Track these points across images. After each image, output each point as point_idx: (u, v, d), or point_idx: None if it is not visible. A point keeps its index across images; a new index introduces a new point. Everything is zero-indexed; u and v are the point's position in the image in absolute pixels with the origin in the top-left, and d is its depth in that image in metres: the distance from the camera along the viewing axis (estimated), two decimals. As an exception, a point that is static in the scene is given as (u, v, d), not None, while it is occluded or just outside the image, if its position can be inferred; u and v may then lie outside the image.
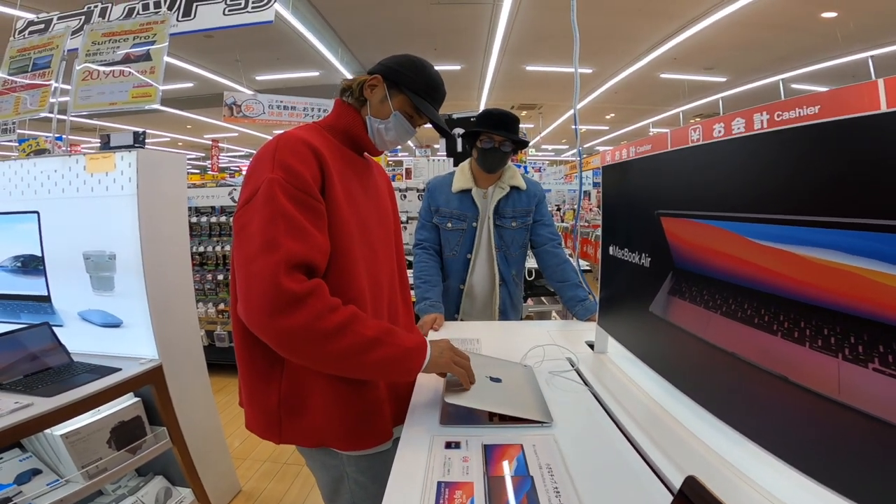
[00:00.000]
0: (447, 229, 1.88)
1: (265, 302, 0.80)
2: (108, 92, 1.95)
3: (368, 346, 0.87)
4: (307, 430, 0.96)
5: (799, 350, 0.57)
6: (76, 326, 1.82)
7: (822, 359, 0.53)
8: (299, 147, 0.92)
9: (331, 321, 0.84)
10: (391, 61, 1.05)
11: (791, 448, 0.58)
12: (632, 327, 1.12)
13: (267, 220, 0.84)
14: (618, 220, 1.21)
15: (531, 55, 7.68)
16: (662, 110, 11.78)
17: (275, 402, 0.96)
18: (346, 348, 0.85)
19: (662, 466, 0.75)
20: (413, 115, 1.07)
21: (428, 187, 1.99)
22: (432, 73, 1.06)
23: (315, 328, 0.82)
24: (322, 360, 0.86)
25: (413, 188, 3.59)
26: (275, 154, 0.90)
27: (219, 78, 8.29)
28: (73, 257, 1.76)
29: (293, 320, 0.81)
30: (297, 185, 0.88)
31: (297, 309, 0.81)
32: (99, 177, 1.72)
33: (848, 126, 0.51)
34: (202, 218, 4.00)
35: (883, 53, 7.21)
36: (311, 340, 0.83)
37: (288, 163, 0.89)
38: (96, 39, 2.06)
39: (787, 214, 0.60)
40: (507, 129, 1.75)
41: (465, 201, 1.87)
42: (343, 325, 0.85)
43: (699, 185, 0.82)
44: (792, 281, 0.58)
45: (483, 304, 1.95)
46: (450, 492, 0.67)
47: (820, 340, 0.54)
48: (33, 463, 1.55)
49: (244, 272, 0.84)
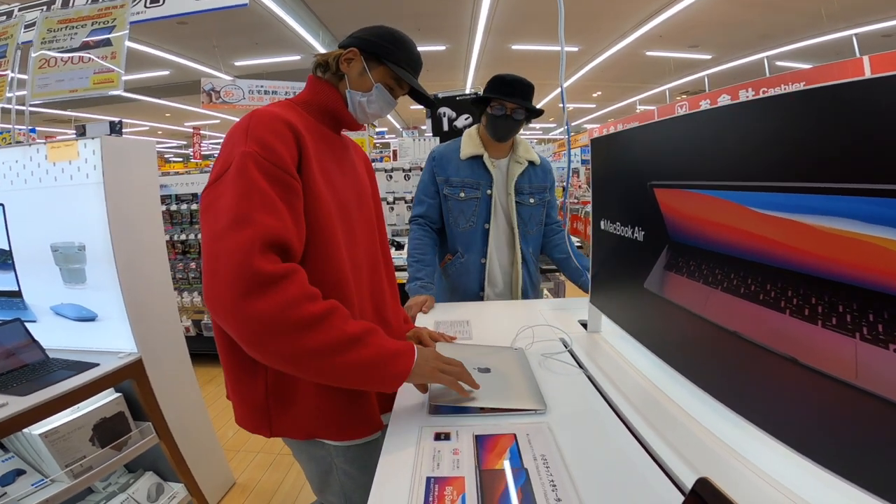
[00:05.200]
0: (461, 199, 1.78)
1: (233, 282, 0.72)
2: (68, 79, 1.86)
3: (347, 344, 0.78)
4: (298, 421, 0.93)
5: (810, 329, 0.53)
6: (50, 321, 1.76)
7: (837, 339, 0.49)
8: (275, 123, 0.86)
9: (306, 311, 0.76)
10: (366, 33, 1.01)
11: (801, 436, 0.55)
12: (626, 305, 1.08)
13: (239, 195, 0.77)
14: (609, 192, 1.16)
15: (517, 34, 7.58)
16: (649, 88, 11.77)
17: (262, 395, 0.91)
18: (321, 345, 0.76)
19: (661, 452, 0.72)
20: (394, 86, 1.03)
21: (432, 156, 1.86)
22: (409, 43, 1.03)
23: (287, 316, 0.74)
24: (291, 357, 0.76)
25: (399, 168, 3.51)
26: (248, 129, 0.84)
27: (196, 65, 8.13)
28: (41, 250, 1.68)
29: (262, 305, 0.72)
30: (272, 160, 0.81)
31: (268, 292, 0.73)
32: (62, 165, 1.63)
33: (862, 87, 0.46)
34: (182, 205, 3.89)
35: (867, 31, 7.27)
36: (281, 331, 0.74)
37: (263, 137, 0.83)
38: (52, 27, 1.97)
39: (793, 182, 0.55)
40: (521, 96, 1.64)
41: (477, 168, 1.77)
42: (319, 318, 0.77)
43: (695, 154, 0.77)
44: (802, 253, 0.54)
45: (505, 283, 1.86)
46: (440, 488, 0.63)
47: (834, 318, 0.50)
48: (16, 463, 1.51)
49: (210, 251, 0.75)
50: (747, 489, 0.62)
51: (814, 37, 7.68)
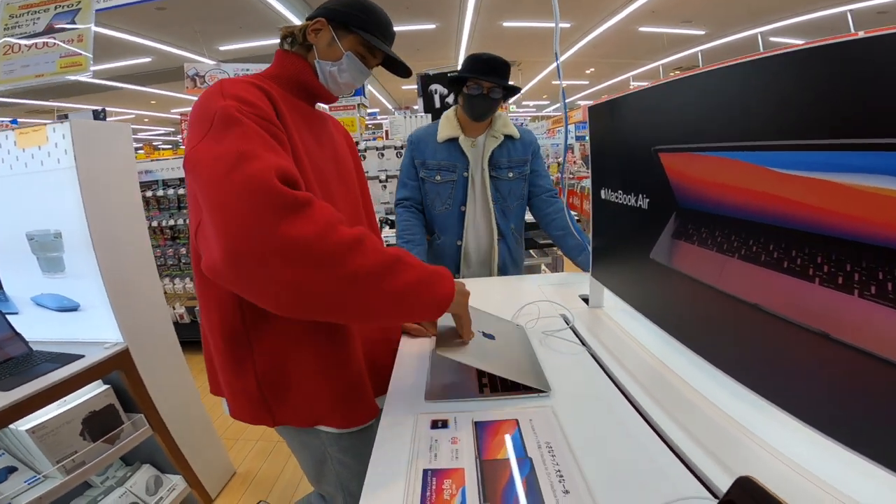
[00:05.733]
0: (436, 182, 1.77)
1: (259, 212, 0.61)
2: (33, 64, 1.79)
3: (390, 266, 0.69)
4: (298, 410, 0.89)
5: (844, 300, 0.47)
6: (32, 313, 1.70)
7: (875, 310, 0.44)
8: (246, 86, 0.81)
9: (344, 233, 0.66)
10: (333, 3, 0.97)
11: (834, 420, 0.50)
12: (630, 277, 1.03)
13: (236, 138, 0.69)
14: (609, 161, 1.10)
15: (508, 11, 7.38)
16: (642, 64, 11.62)
17: (254, 387, 0.87)
18: (367, 269, 0.67)
19: (673, 436, 0.67)
20: (365, 55, 0.99)
21: (410, 140, 1.85)
22: (379, 11, 0.99)
23: (327, 240, 0.64)
24: (337, 291, 0.66)
25: (391, 146, 3.42)
26: (221, 90, 0.77)
27: (179, 51, 7.89)
28: (17, 239, 1.61)
29: (297, 229, 0.62)
30: (255, 112, 0.75)
31: (299, 215, 0.63)
32: (32, 151, 1.55)
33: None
34: (169, 190, 3.78)
35: (862, 7, 7.13)
36: (324, 257, 0.64)
37: (239, 94, 0.77)
38: (13, 13, 1.89)
39: (820, 139, 0.49)
40: (497, 74, 1.62)
41: (453, 150, 1.75)
42: (358, 240, 0.67)
43: (705, 114, 0.71)
44: (833, 214, 0.48)
45: (482, 261, 1.86)
46: (438, 481, 0.58)
47: (873, 287, 0.44)
48: (7, 461, 1.49)
49: (216, 198, 0.64)
50: (766, 473, 0.58)
51: (808, 13, 7.54)
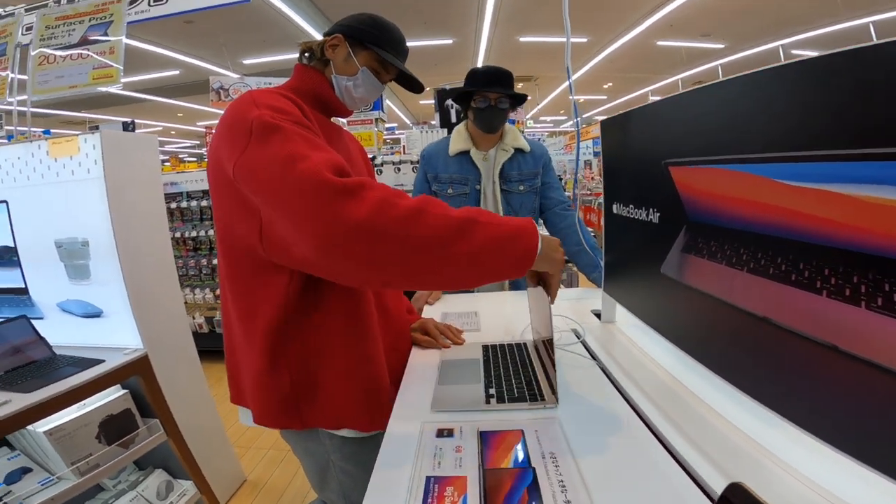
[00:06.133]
0: (448, 196, 1.79)
1: (320, 199, 0.66)
2: (67, 75, 1.88)
3: (460, 228, 0.69)
4: (325, 409, 0.91)
5: (852, 312, 0.46)
6: (57, 318, 1.75)
7: (883, 322, 0.43)
8: (277, 96, 0.86)
9: (403, 204, 0.68)
10: (350, 20, 1.02)
11: (845, 434, 0.49)
12: (642, 292, 1.02)
13: (282, 144, 0.73)
14: (621, 175, 1.11)
15: (524, 26, 7.45)
16: (661, 78, 11.53)
17: (287, 386, 0.89)
18: (431, 236, 0.68)
19: (681, 449, 0.66)
20: (379, 70, 1.04)
21: (423, 155, 1.88)
22: (393, 28, 1.04)
23: (388, 214, 0.67)
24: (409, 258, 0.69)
25: (407, 160, 3.48)
26: (254, 100, 0.81)
27: (205, 64, 8.12)
28: (46, 246, 1.68)
29: (358, 209, 0.66)
30: (288, 117, 0.80)
31: (356, 197, 0.67)
32: (64, 161, 1.63)
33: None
34: (193, 202, 3.89)
35: (884, 19, 7.01)
36: (389, 230, 0.67)
37: (272, 104, 0.81)
38: (49, 24, 1.99)
39: (822, 150, 0.49)
40: (501, 84, 1.64)
41: (465, 163, 1.77)
42: (420, 208, 0.69)
43: (712, 128, 0.71)
44: (840, 226, 0.48)
45: None
46: (440, 488, 0.58)
47: (880, 299, 0.44)
48: (23, 461, 1.52)
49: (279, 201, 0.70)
50: (781, 490, 0.57)
51: (830, 24, 7.43)
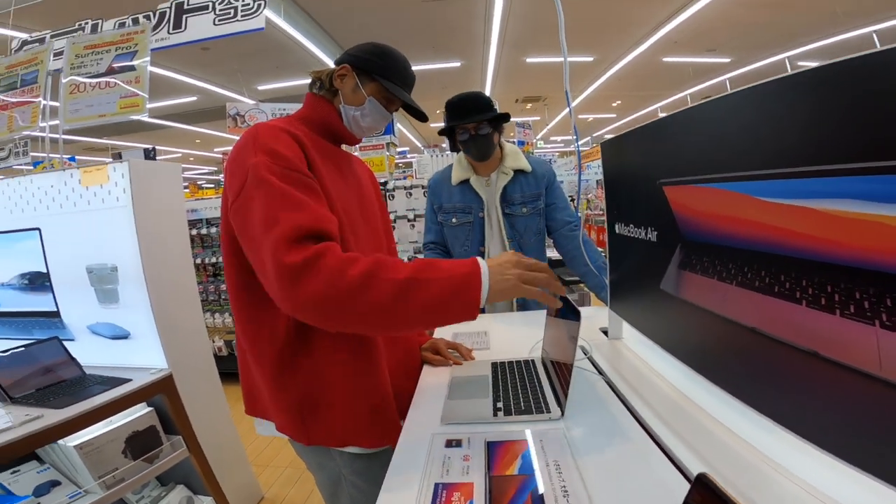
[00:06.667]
0: (453, 225, 1.81)
1: (280, 281, 0.76)
2: (97, 104, 1.94)
3: (405, 289, 0.76)
4: (331, 427, 0.94)
5: (828, 319, 0.50)
6: (87, 340, 1.83)
7: (856, 328, 0.47)
8: (278, 134, 0.90)
9: (351, 275, 0.76)
10: (358, 50, 1.05)
11: (828, 434, 0.52)
12: (644, 308, 1.05)
13: (263, 202, 0.81)
14: (621, 195, 1.15)
15: (531, 47, 7.57)
16: (669, 95, 11.55)
17: (296, 401, 0.93)
18: (381, 299, 0.76)
19: (685, 460, 0.69)
20: (386, 100, 1.06)
21: (428, 185, 1.92)
22: (399, 58, 1.06)
23: (337, 288, 0.75)
24: (363, 320, 0.78)
25: (418, 185, 3.55)
26: (255, 141, 0.87)
27: (221, 90, 8.31)
28: (77, 271, 1.76)
29: (310, 287, 0.75)
30: (284, 164, 0.85)
31: (309, 274, 0.75)
32: (94, 190, 1.72)
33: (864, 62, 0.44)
34: (212, 229, 4.01)
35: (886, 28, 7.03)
36: (340, 302, 0.76)
37: (270, 147, 0.86)
38: (79, 52, 2.06)
39: (795, 167, 0.53)
40: (475, 111, 1.64)
41: (467, 192, 1.79)
42: (367, 275, 0.76)
43: (698, 147, 0.75)
44: (812, 239, 0.52)
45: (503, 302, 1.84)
46: (447, 493, 0.62)
47: (852, 306, 0.47)
48: (52, 475, 1.57)
49: (259, 260, 0.81)
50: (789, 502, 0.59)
51: (833, 35, 7.45)
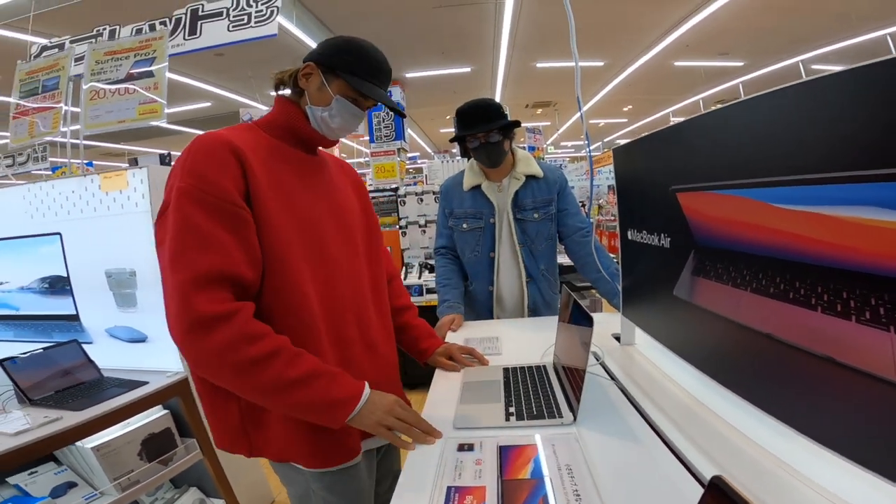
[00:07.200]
0: (463, 231, 1.81)
1: (176, 321, 0.76)
2: (116, 110, 1.96)
3: (289, 385, 0.79)
4: (272, 443, 0.91)
5: (844, 325, 0.50)
6: (105, 343, 1.85)
7: (872, 334, 0.46)
8: (215, 150, 0.83)
9: (244, 354, 0.76)
10: (324, 46, 0.97)
11: (845, 439, 0.51)
12: (657, 314, 1.05)
13: (174, 235, 0.78)
14: (633, 201, 1.15)
15: (541, 52, 7.56)
16: (681, 99, 11.44)
17: (237, 416, 0.90)
18: (259, 386, 0.78)
19: (698, 465, 0.68)
20: (357, 97, 0.97)
21: (441, 190, 1.92)
22: (370, 52, 0.97)
23: (225, 359, 0.76)
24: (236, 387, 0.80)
25: (429, 191, 3.56)
26: (185, 161, 0.82)
27: (235, 96, 8.38)
28: (96, 276, 1.79)
29: (202, 344, 0.75)
30: (210, 191, 0.79)
31: (208, 332, 0.75)
32: (114, 195, 1.74)
33: (881, 68, 0.44)
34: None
35: None
36: (222, 370, 0.77)
37: (199, 170, 0.80)
38: (99, 59, 2.08)
39: (810, 173, 0.53)
40: (484, 120, 1.64)
41: (478, 198, 1.79)
42: (258, 360, 0.77)
43: (711, 154, 0.75)
44: (827, 245, 0.52)
45: (514, 305, 1.85)
46: (460, 497, 0.62)
47: (868, 312, 0.47)
48: (68, 476, 1.58)
49: (163, 286, 0.79)
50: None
51: (847, 38, 7.34)
